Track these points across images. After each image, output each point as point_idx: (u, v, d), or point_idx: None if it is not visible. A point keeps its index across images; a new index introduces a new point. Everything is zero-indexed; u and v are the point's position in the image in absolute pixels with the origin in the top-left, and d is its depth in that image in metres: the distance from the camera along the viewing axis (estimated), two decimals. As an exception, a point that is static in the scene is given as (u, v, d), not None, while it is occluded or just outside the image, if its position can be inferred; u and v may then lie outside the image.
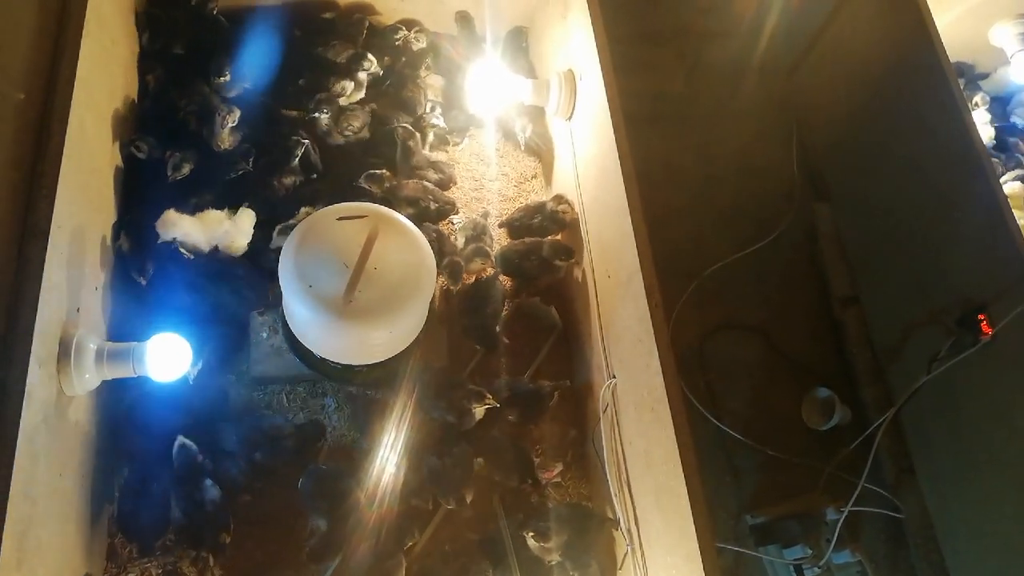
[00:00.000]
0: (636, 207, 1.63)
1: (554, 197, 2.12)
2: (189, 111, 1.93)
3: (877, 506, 2.05)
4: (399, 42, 2.26)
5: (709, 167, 2.48)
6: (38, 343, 1.29)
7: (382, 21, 2.33)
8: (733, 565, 1.98)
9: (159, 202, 1.81)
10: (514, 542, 1.78)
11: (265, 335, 1.86)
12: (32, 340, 1.28)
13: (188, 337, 1.55)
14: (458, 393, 1.81)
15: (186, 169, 1.85)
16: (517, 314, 2.08)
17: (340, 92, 2.10)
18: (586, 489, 1.94)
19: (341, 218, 1.62)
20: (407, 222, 1.68)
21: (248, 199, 1.93)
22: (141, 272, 1.75)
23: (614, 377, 1.78)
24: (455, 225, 2.16)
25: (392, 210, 1.71)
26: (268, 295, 1.90)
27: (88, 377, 1.46)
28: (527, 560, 1.76)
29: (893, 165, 2.18)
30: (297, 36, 2.20)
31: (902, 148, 2.14)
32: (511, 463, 1.82)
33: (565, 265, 2.01)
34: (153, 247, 1.78)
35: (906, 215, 2.13)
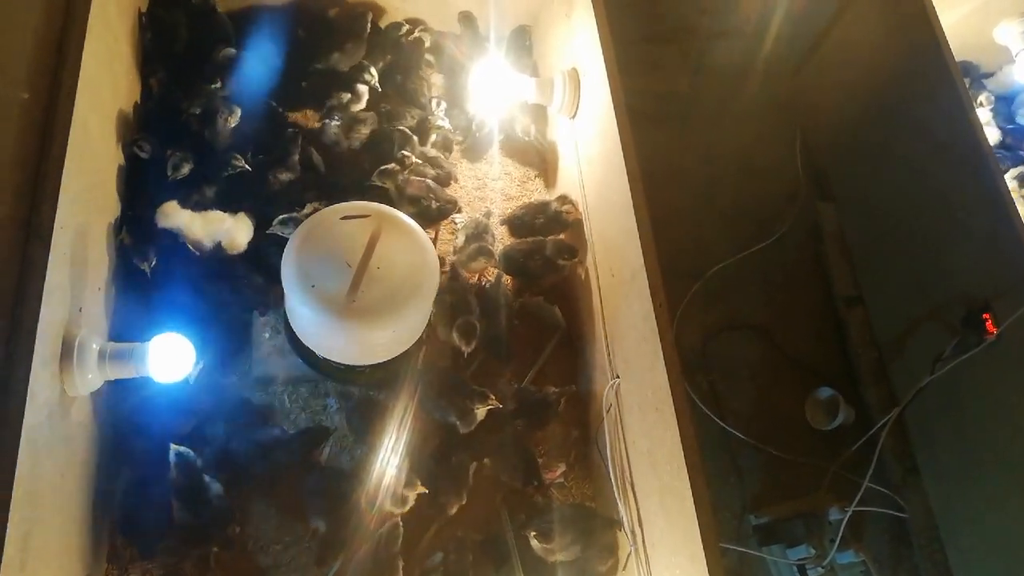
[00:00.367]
0: (641, 206, 1.62)
1: (558, 197, 2.12)
2: (191, 112, 1.92)
3: (881, 506, 2.05)
4: (403, 37, 2.26)
5: (712, 167, 2.47)
6: (41, 343, 1.29)
7: (386, 20, 2.33)
8: (737, 565, 1.97)
9: (161, 200, 1.79)
10: (517, 543, 1.78)
11: (267, 335, 1.86)
12: (35, 340, 1.27)
13: (189, 337, 1.54)
14: (461, 393, 1.80)
15: (186, 169, 1.84)
16: (520, 314, 2.07)
17: (340, 103, 2.10)
18: (589, 489, 1.94)
19: (344, 217, 1.62)
20: (410, 222, 1.68)
21: (247, 196, 1.93)
22: (144, 258, 1.73)
23: (618, 377, 1.77)
24: (457, 224, 2.15)
25: (395, 210, 1.71)
26: (270, 296, 1.90)
27: (91, 377, 1.46)
28: (531, 560, 1.76)
29: (897, 164, 2.17)
30: (301, 36, 2.20)
31: (906, 147, 2.13)
32: (516, 464, 1.82)
33: (569, 264, 2.00)
34: (155, 238, 1.77)
35: (910, 214, 2.13)
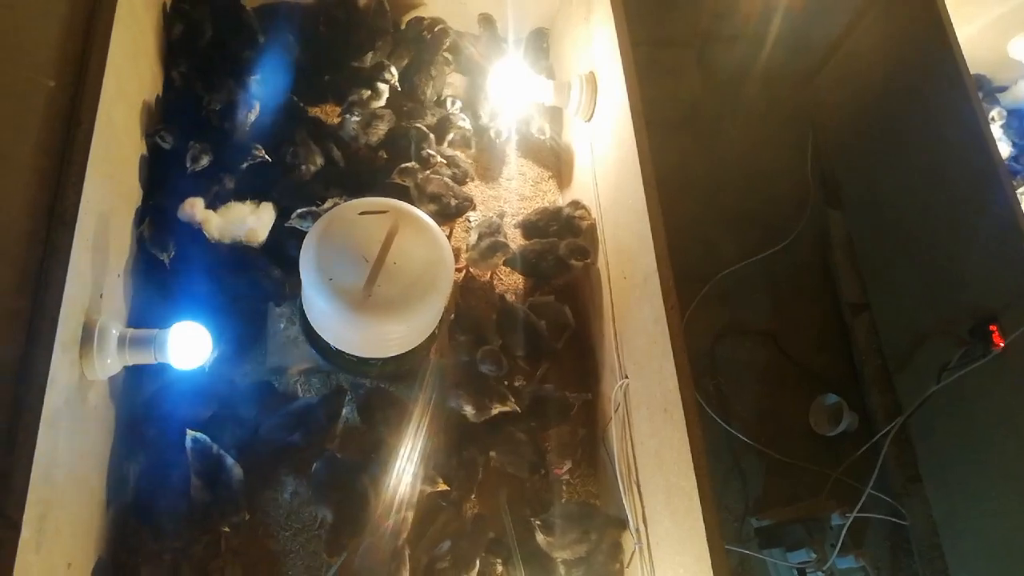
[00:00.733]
0: (655, 211, 1.64)
1: (571, 203, 2.12)
2: (212, 105, 1.95)
3: (882, 513, 2.07)
4: (425, 32, 2.28)
5: (722, 171, 2.49)
6: (62, 328, 1.31)
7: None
8: (738, 567, 2.00)
9: (183, 190, 1.82)
10: (518, 537, 1.79)
11: (282, 326, 1.88)
12: (57, 325, 1.29)
13: (206, 326, 1.56)
14: (481, 388, 1.83)
15: (205, 161, 1.87)
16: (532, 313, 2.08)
17: (360, 100, 2.13)
18: (595, 487, 1.96)
19: (363, 212, 1.64)
20: (427, 218, 1.70)
21: (268, 188, 1.95)
22: (164, 249, 1.75)
23: (627, 377, 1.79)
24: (471, 222, 2.17)
25: (412, 206, 1.73)
26: (285, 288, 1.92)
27: (110, 362, 1.48)
28: (534, 555, 1.77)
29: (907, 174, 2.18)
30: (323, 33, 2.22)
31: (917, 157, 2.14)
32: (523, 455, 1.83)
33: (580, 265, 2.01)
34: (175, 229, 1.79)
35: (919, 224, 2.14)
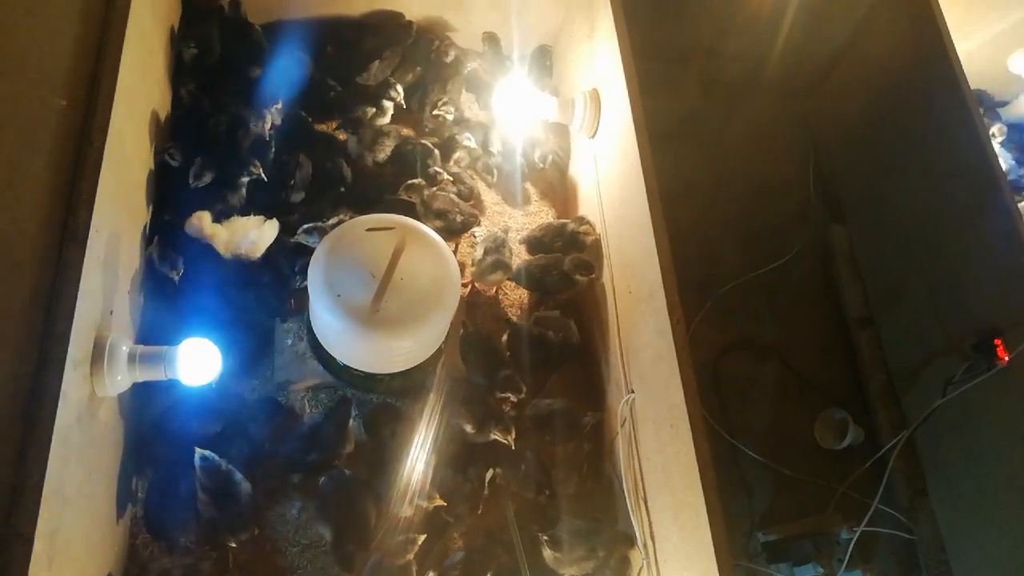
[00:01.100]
0: (660, 224, 1.65)
1: (575, 218, 2.13)
2: (219, 123, 1.97)
3: (889, 527, 2.06)
4: (434, 47, 2.32)
5: (725, 186, 2.50)
6: (74, 345, 1.31)
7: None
8: (745, 582, 1.99)
9: (191, 207, 1.84)
10: (526, 552, 1.79)
11: (290, 342, 1.89)
12: (69, 342, 1.30)
13: (214, 342, 1.57)
14: (488, 412, 1.84)
15: (207, 177, 1.89)
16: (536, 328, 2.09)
17: (365, 117, 2.16)
18: (601, 503, 1.95)
19: (370, 229, 1.66)
20: (434, 235, 1.71)
21: (270, 204, 1.98)
22: (173, 267, 1.77)
23: (633, 392, 1.79)
24: (476, 238, 2.18)
25: (418, 222, 1.75)
26: (290, 304, 1.94)
27: (120, 379, 1.48)
28: (541, 571, 1.77)
29: (910, 188, 2.19)
30: (329, 52, 2.25)
31: (920, 171, 2.15)
32: (528, 474, 1.84)
33: (585, 279, 2.02)
34: (184, 247, 1.82)
35: (922, 238, 2.15)
